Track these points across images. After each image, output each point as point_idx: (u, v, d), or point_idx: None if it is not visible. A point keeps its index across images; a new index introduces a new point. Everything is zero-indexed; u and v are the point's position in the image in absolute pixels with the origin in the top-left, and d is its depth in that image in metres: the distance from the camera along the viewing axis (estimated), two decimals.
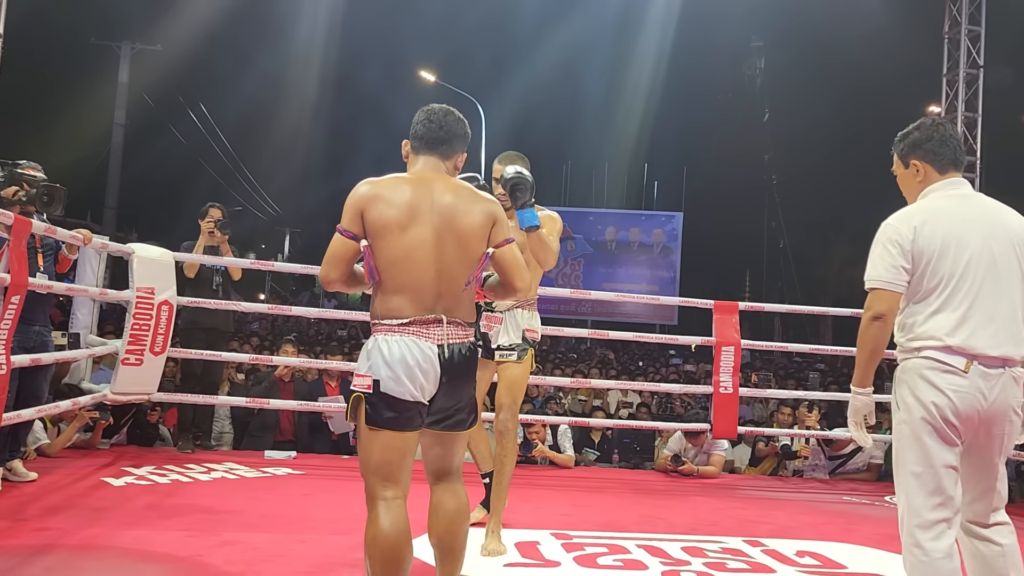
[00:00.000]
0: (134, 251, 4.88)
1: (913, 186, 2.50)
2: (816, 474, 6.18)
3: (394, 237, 2.20)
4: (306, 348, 9.27)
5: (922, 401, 2.27)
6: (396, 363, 2.17)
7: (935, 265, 2.31)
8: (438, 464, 2.40)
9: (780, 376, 12.80)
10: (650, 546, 3.54)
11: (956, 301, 2.29)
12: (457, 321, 2.26)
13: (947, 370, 2.26)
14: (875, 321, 2.34)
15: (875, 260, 2.38)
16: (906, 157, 2.51)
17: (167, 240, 5.78)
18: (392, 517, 2.17)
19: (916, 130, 2.51)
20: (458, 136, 2.41)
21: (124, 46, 18.56)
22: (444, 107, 2.43)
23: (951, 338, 2.26)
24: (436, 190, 2.28)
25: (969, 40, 11.58)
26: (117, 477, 4.28)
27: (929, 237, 2.31)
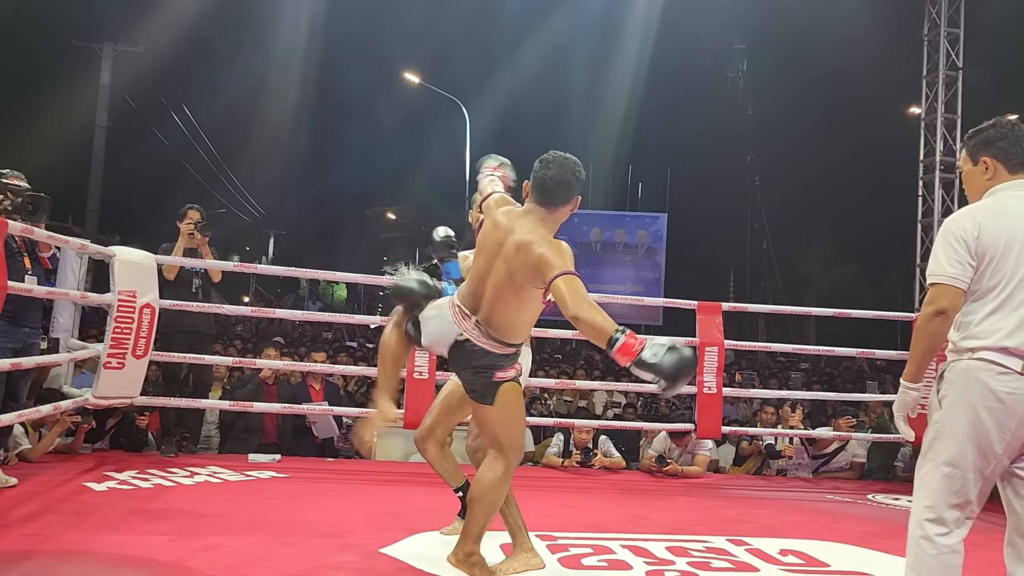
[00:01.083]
0: (115, 254, 4.84)
1: (980, 183, 2.46)
2: (799, 473, 6.22)
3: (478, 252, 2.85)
4: (291, 350, 9.24)
5: (973, 406, 2.25)
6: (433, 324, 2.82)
7: (997, 264, 2.28)
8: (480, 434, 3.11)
9: (764, 376, 12.87)
10: (635, 546, 3.55)
11: (1016, 302, 2.27)
12: (480, 325, 2.75)
13: (1003, 372, 2.23)
14: (937, 316, 2.29)
15: (939, 255, 2.32)
16: (976, 154, 2.47)
17: (150, 242, 5.74)
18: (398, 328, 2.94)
19: (991, 127, 2.48)
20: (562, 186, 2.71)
21: (106, 48, 18.43)
22: (561, 160, 2.74)
23: (1009, 339, 2.24)
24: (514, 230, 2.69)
25: (948, 42, 11.69)
26: (99, 482, 4.25)
27: (994, 235, 2.29)
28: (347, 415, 6.04)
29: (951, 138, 11.76)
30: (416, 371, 5.21)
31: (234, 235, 31.94)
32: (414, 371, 5.21)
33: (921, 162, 12.08)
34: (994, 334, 2.25)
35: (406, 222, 30.71)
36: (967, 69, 11.79)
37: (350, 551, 3.22)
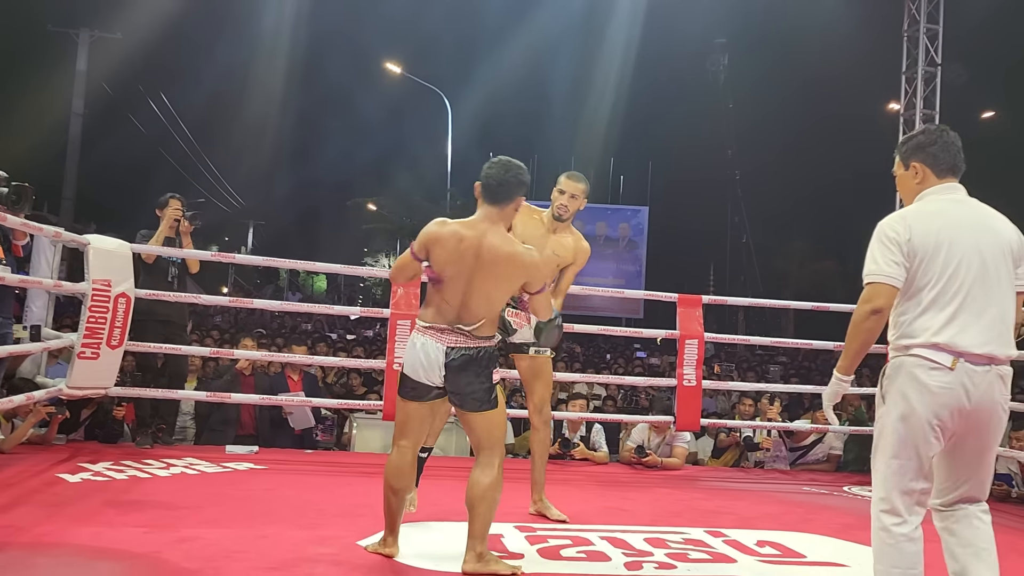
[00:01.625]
0: (90, 242, 4.78)
1: (911, 187, 2.60)
2: (777, 465, 6.27)
3: (443, 269, 2.92)
4: (268, 341, 9.18)
5: (909, 399, 2.39)
6: (412, 355, 2.95)
7: (927, 264, 2.40)
8: (473, 440, 3.06)
9: (742, 368, 12.94)
10: (613, 537, 3.56)
11: (945, 300, 2.39)
12: (466, 332, 2.91)
13: (934, 367, 2.36)
14: (874, 315, 2.41)
15: (875, 256, 2.44)
16: (907, 159, 2.61)
17: (126, 232, 5.66)
18: (399, 457, 3.03)
19: (922, 134, 2.62)
20: (515, 186, 2.98)
21: (83, 34, 18.18)
22: (506, 164, 2.99)
23: (938, 336, 2.36)
24: (486, 239, 2.90)
25: (927, 38, 11.78)
26: (73, 473, 4.20)
27: (923, 236, 2.41)
28: (325, 407, 6.01)
29: None
30: (396, 362, 5.19)
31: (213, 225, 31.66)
32: (394, 362, 5.19)
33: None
34: (926, 331, 2.38)
35: (387, 213, 30.57)
36: (946, 65, 11.90)
37: (328, 543, 3.20)
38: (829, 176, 24.16)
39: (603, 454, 5.83)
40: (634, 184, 24.85)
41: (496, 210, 2.98)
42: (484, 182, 2.98)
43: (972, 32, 14.47)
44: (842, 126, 21.75)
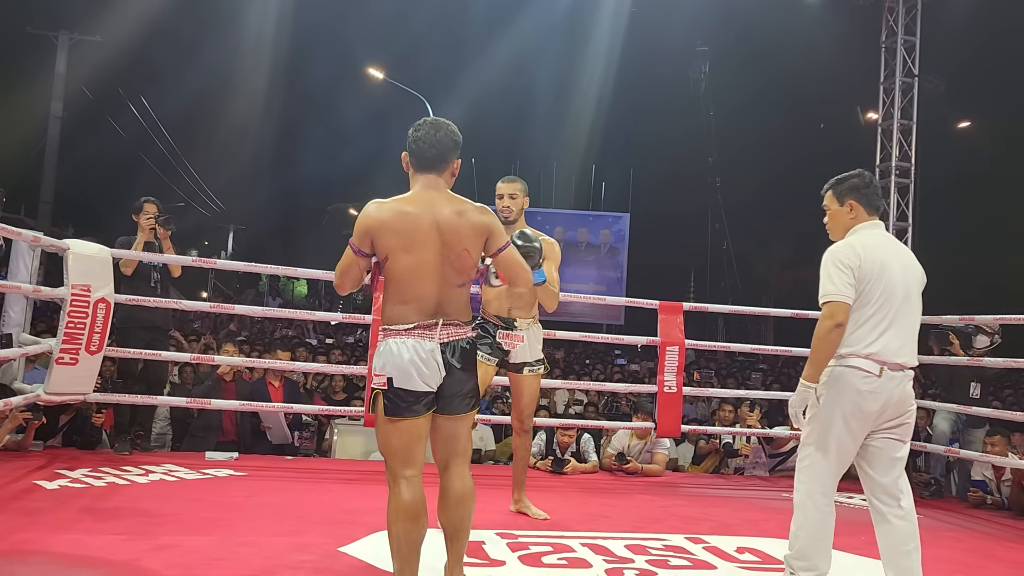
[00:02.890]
0: (69, 247, 4.74)
1: (844, 222, 3.04)
2: (757, 471, 6.31)
3: (400, 258, 2.52)
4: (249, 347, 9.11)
5: (842, 402, 2.83)
6: (406, 362, 2.51)
7: (871, 288, 2.84)
8: (447, 449, 2.66)
9: (722, 375, 13.02)
10: (594, 544, 3.58)
11: (879, 318, 2.84)
12: (454, 321, 2.58)
13: (865, 375, 2.82)
14: (836, 329, 2.81)
15: (833, 278, 2.85)
16: (843, 197, 3.04)
17: (105, 236, 5.62)
18: (412, 491, 2.51)
19: (856, 177, 3.05)
20: (450, 149, 2.63)
21: (62, 36, 18.01)
22: (432, 122, 2.63)
23: (871, 348, 2.82)
24: (436, 208, 2.56)
25: (905, 49, 11.93)
26: (50, 480, 4.16)
27: (870, 264, 2.85)
28: (307, 413, 5.99)
29: (907, 144, 12.01)
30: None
31: (192, 229, 31.43)
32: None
33: (877, 167, 12.31)
34: (860, 343, 2.83)
35: None
36: (923, 76, 12.06)
37: (309, 550, 3.19)
38: (809, 184, 24.25)
39: (592, 463, 5.83)
40: (615, 191, 24.94)
41: (434, 177, 2.61)
42: (414, 148, 2.61)
43: (949, 43, 14.66)
44: (821, 134, 21.96)
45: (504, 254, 2.67)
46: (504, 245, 2.66)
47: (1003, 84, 20.43)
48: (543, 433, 5.96)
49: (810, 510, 2.85)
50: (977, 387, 5.68)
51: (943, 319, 5.80)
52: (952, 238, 22.03)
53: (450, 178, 2.66)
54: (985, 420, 5.57)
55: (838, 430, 2.83)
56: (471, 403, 2.65)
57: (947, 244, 21.37)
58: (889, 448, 2.90)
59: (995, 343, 5.70)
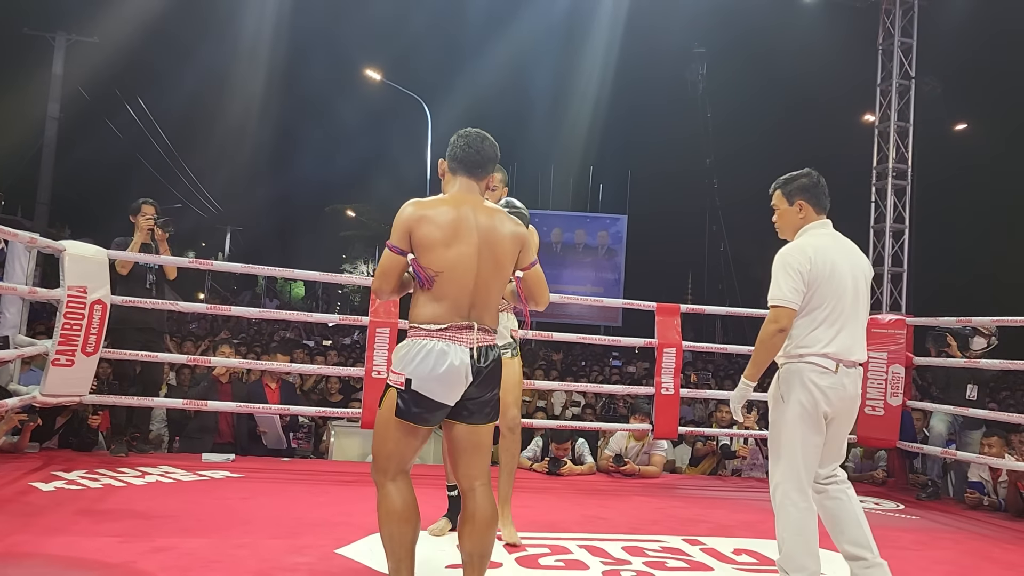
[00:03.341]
0: (66, 248, 4.73)
1: (794, 221, 3.09)
2: (754, 473, 6.31)
3: (439, 253, 2.42)
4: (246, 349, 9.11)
5: (804, 397, 2.90)
6: (432, 365, 2.37)
7: (821, 289, 2.91)
8: (471, 464, 2.52)
9: (720, 377, 13.02)
10: (591, 546, 3.57)
11: (832, 319, 2.93)
12: (485, 327, 2.48)
13: (823, 372, 2.91)
14: (780, 333, 2.92)
15: (781, 283, 2.92)
16: (792, 197, 3.09)
17: (101, 237, 5.61)
18: (403, 494, 2.45)
19: (804, 177, 3.10)
20: (491, 160, 2.64)
21: (59, 37, 18.01)
22: (479, 132, 2.64)
23: (828, 347, 2.91)
24: (476, 210, 2.51)
25: (901, 52, 11.96)
26: (47, 481, 4.14)
27: (820, 266, 2.92)
28: (303, 415, 5.98)
29: (903, 145, 12.03)
30: (375, 370, 5.17)
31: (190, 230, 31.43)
32: (372, 370, 5.17)
33: (874, 168, 12.33)
34: (817, 343, 2.91)
35: (366, 220, 30.47)
36: (919, 78, 12.09)
37: (305, 552, 3.19)
38: None
39: (588, 465, 5.82)
40: (613, 193, 24.97)
41: (473, 183, 2.59)
42: (460, 153, 2.59)
43: (946, 45, 14.70)
44: (819, 136, 21.99)
45: (533, 270, 2.65)
46: (534, 261, 2.65)
47: (999, 86, 20.49)
48: (540, 438, 5.96)
49: (790, 511, 2.88)
50: (974, 389, 5.68)
51: (940, 321, 5.81)
52: (948, 239, 22.09)
53: (484, 190, 2.64)
54: (982, 422, 5.57)
55: (802, 427, 2.90)
56: (493, 413, 2.54)
57: (943, 245, 21.43)
58: (839, 440, 3.02)
59: (991, 345, 5.71)
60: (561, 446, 5.70)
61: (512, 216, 2.63)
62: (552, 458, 5.66)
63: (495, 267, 2.49)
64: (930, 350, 5.98)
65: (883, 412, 5.74)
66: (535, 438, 6.06)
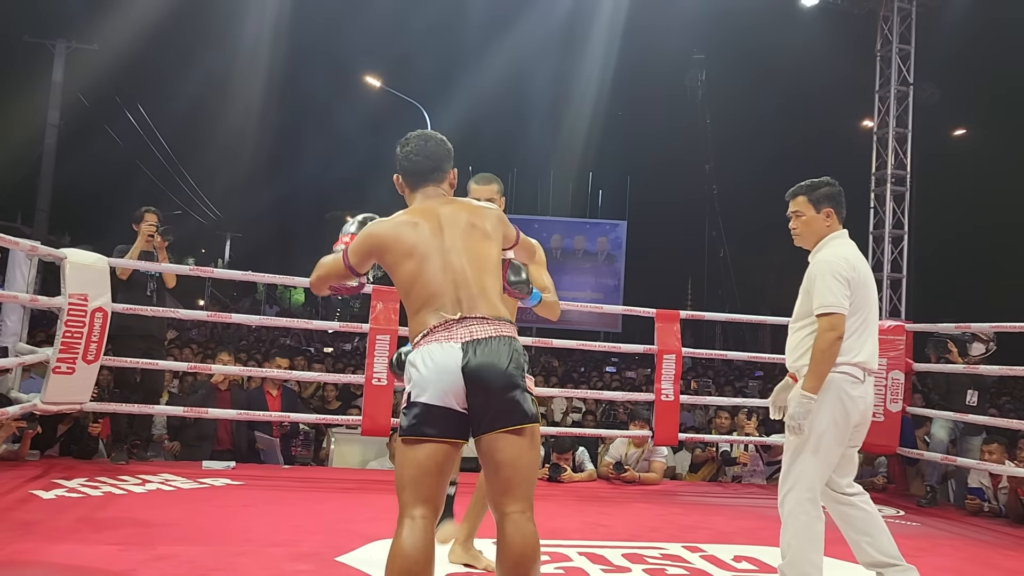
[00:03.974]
0: (67, 256, 4.74)
1: (820, 229, 3.08)
2: (754, 480, 6.31)
3: (408, 265, 2.24)
4: (247, 356, 9.11)
5: (838, 407, 2.88)
6: (422, 367, 2.12)
7: (857, 298, 2.93)
8: (496, 486, 2.13)
9: (719, 383, 13.02)
10: (592, 553, 3.57)
11: (864, 327, 2.94)
12: (479, 315, 2.17)
13: (855, 381, 2.91)
14: (838, 340, 2.86)
15: (831, 290, 2.89)
16: (819, 204, 3.08)
17: (101, 244, 5.61)
18: (415, 537, 2.04)
19: (828, 185, 3.11)
20: (445, 158, 2.44)
21: (59, 44, 18.04)
22: (421, 133, 2.45)
23: (858, 357, 2.91)
24: (440, 209, 2.33)
25: (900, 58, 11.99)
26: (47, 489, 4.15)
27: (858, 275, 2.94)
28: (304, 422, 5.98)
29: (902, 151, 12.05)
30: (375, 377, 5.18)
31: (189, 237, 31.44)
32: (372, 377, 5.18)
33: (873, 175, 12.35)
34: (849, 353, 2.89)
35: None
36: (918, 84, 12.12)
37: (306, 560, 3.19)
38: None
39: (588, 472, 5.82)
40: (612, 198, 24.98)
41: (432, 188, 2.40)
42: (406, 163, 2.41)
43: (943, 52, 14.75)
44: (817, 142, 22.04)
45: (521, 240, 2.59)
46: (517, 233, 2.54)
47: (998, 92, 20.53)
48: (542, 446, 5.96)
49: (801, 518, 2.86)
50: (974, 395, 5.68)
51: (939, 327, 5.82)
52: (948, 245, 22.10)
53: (448, 189, 2.44)
54: (982, 428, 5.58)
55: (830, 436, 2.88)
56: (516, 415, 2.12)
57: (943, 251, 21.44)
58: (853, 451, 3.04)
59: (990, 351, 5.71)
60: (562, 456, 5.70)
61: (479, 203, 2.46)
62: (552, 464, 5.66)
63: (474, 256, 2.25)
64: (931, 356, 5.99)
65: (883, 418, 5.74)
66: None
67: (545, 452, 5.88)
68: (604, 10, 18.21)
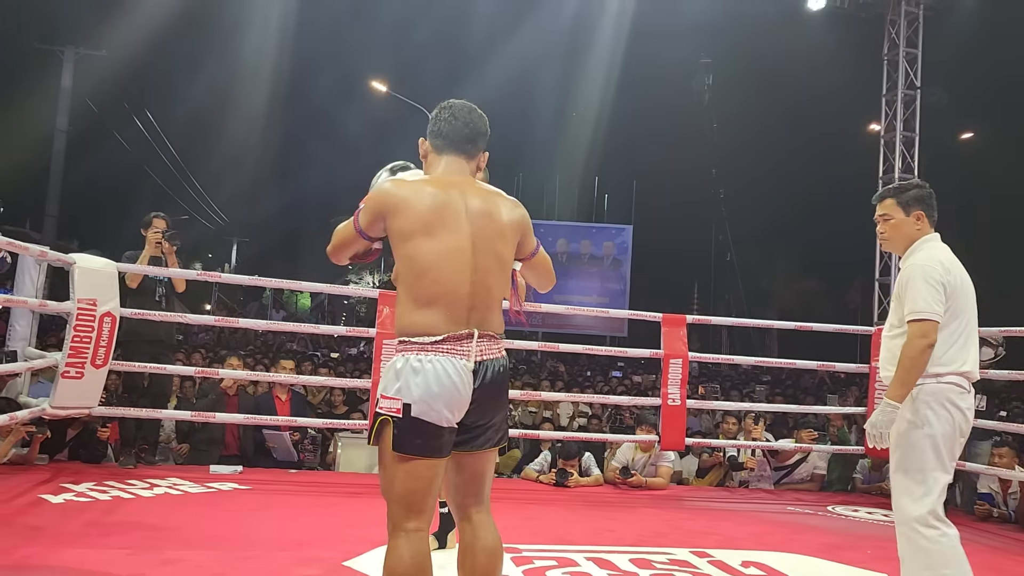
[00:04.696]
0: (76, 261, 4.76)
1: (911, 232, 2.93)
2: (761, 485, 6.29)
3: (423, 244, 2.05)
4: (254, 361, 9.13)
5: (946, 421, 2.72)
6: (431, 385, 2.00)
7: (955, 304, 2.79)
8: (469, 493, 2.18)
9: (726, 387, 13.00)
10: (599, 559, 3.57)
11: (966, 335, 2.80)
12: (490, 334, 2.10)
13: (962, 392, 2.76)
14: (929, 349, 2.72)
15: (924, 295, 2.74)
16: (909, 207, 2.94)
17: (109, 249, 5.64)
18: (413, 551, 2.01)
19: (918, 187, 2.97)
20: (483, 134, 2.26)
21: (68, 51, 18.16)
22: (466, 103, 2.27)
23: (964, 366, 2.77)
24: (466, 193, 2.14)
25: (907, 62, 11.97)
26: (55, 494, 4.16)
27: (955, 279, 2.81)
28: (312, 426, 5.99)
29: (909, 155, 12.03)
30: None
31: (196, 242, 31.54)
32: (379, 382, 5.18)
33: (880, 178, 12.33)
34: (955, 363, 2.75)
35: None
36: (925, 88, 12.10)
37: (313, 564, 3.19)
38: (812, 195, 24.41)
39: (595, 477, 5.81)
40: (618, 203, 24.99)
41: (462, 161, 2.22)
42: (446, 126, 2.22)
43: (950, 55, 14.71)
44: (824, 146, 22.02)
45: (538, 256, 2.34)
46: (536, 246, 2.32)
47: (1006, 95, 20.47)
48: (547, 452, 5.96)
49: (942, 541, 2.63)
50: (983, 399, 5.66)
51: None
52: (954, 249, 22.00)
53: (475, 171, 2.26)
54: (991, 433, 5.55)
55: (944, 452, 2.71)
56: (502, 435, 2.20)
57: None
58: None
59: (999, 355, 5.69)
60: (569, 462, 5.70)
61: (511, 198, 2.26)
62: (559, 469, 5.66)
63: (496, 262, 2.12)
64: None
65: None
66: (543, 452, 6.06)
67: (552, 458, 5.88)
68: (610, 14, 18.23)
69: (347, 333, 6.77)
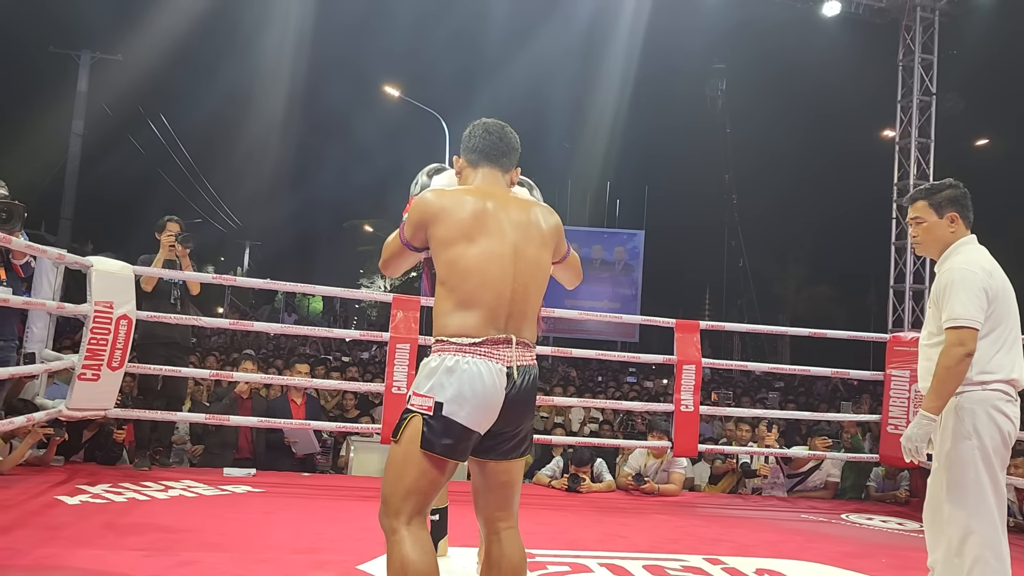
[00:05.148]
0: (93, 264, 4.80)
1: (944, 235, 2.83)
2: (775, 492, 6.26)
3: (466, 250, 2.09)
4: (266, 364, 9.16)
5: (994, 431, 2.62)
6: (465, 386, 2.02)
7: (999, 309, 2.68)
8: (500, 504, 2.19)
9: (737, 394, 12.96)
10: (612, 564, 3.56)
11: (1011, 340, 2.69)
12: (524, 341, 2.13)
13: (1009, 400, 2.65)
14: (968, 357, 2.62)
15: (965, 302, 2.63)
16: (942, 209, 2.84)
17: (123, 251, 5.69)
18: (421, 544, 2.04)
19: (950, 188, 2.87)
20: (515, 149, 2.36)
21: (84, 55, 18.32)
22: (498, 121, 2.36)
23: (1013, 373, 2.67)
24: (507, 204, 2.20)
25: (922, 68, 11.92)
26: (72, 495, 4.19)
27: (997, 283, 2.70)
28: (325, 430, 6.01)
29: (924, 162, 11.97)
30: (395, 386, 5.20)
31: (209, 245, 31.75)
32: (392, 386, 5.20)
33: (895, 185, 12.28)
34: (1002, 369, 2.66)
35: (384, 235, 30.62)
36: (940, 94, 12.04)
37: (327, 567, 3.20)
38: (826, 202, 24.35)
39: (607, 483, 5.80)
40: (630, 208, 25.01)
41: (498, 173, 2.30)
42: (481, 142, 2.30)
43: (967, 61, 14.65)
44: (838, 152, 21.96)
45: (570, 258, 2.46)
46: (568, 250, 2.42)
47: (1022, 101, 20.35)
48: (559, 458, 5.96)
49: (992, 562, 2.55)
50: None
51: None
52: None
53: (510, 185, 2.34)
54: None
55: (993, 463, 2.61)
56: (528, 445, 2.23)
57: None
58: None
59: None
60: (581, 468, 5.70)
61: (545, 205, 2.35)
62: (571, 475, 5.66)
63: (536, 270, 2.17)
64: None
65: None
66: (555, 458, 6.06)
67: (563, 463, 5.87)
68: (624, 19, 18.24)
69: (361, 337, 6.77)
